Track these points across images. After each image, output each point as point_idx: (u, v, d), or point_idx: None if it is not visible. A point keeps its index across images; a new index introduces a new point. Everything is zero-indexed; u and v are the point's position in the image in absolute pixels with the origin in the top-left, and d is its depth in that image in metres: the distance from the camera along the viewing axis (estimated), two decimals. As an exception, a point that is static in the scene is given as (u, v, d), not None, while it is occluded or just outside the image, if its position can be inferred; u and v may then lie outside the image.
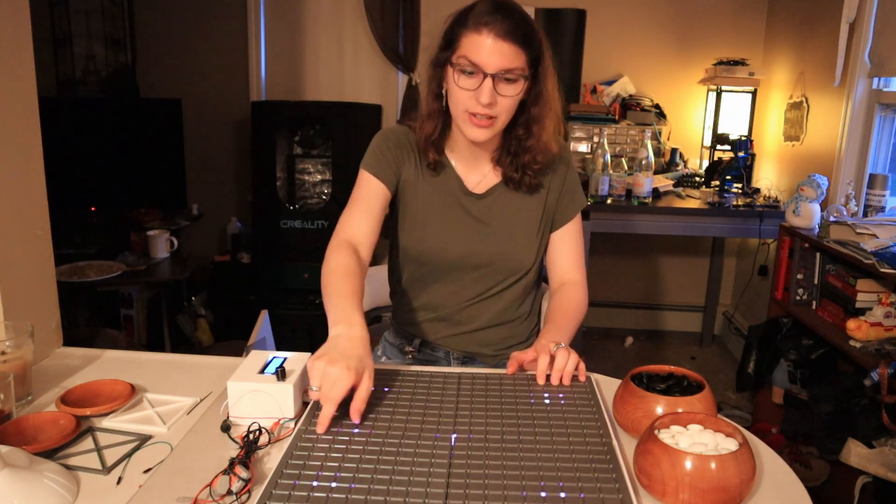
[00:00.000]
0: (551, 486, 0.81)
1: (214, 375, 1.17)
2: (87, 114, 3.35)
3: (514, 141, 1.31)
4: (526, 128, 1.29)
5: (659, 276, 3.79)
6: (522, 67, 1.19)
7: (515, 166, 1.32)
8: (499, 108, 1.21)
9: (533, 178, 1.33)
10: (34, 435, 0.95)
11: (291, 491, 0.80)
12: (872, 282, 2.10)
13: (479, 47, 1.16)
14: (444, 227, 1.34)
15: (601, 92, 3.44)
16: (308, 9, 3.59)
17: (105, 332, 2.81)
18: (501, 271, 1.36)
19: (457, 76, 1.20)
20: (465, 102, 1.20)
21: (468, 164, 1.36)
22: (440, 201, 1.35)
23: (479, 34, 1.16)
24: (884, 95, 2.46)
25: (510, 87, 1.20)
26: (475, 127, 1.22)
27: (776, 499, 0.84)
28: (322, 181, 3.32)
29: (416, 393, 1.06)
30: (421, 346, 1.43)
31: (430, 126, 1.30)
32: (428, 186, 1.35)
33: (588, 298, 1.39)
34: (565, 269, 1.40)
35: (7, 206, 1.18)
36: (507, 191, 1.36)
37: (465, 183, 1.36)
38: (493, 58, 1.16)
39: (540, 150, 1.30)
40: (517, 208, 1.36)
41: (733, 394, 2.95)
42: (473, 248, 1.34)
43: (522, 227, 1.36)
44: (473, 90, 1.18)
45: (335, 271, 1.18)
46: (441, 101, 1.28)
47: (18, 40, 1.20)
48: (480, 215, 1.35)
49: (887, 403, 1.80)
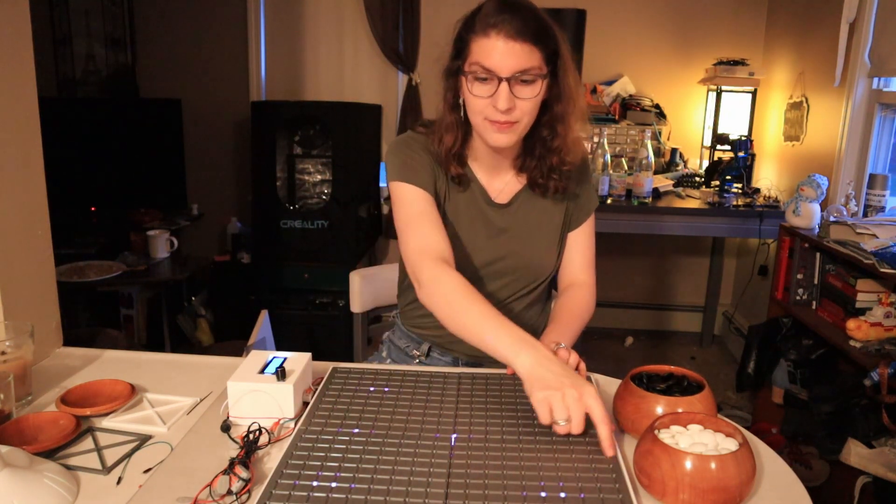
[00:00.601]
0: (551, 486, 0.81)
1: (214, 375, 1.17)
2: (87, 114, 3.35)
3: (539, 143, 1.25)
4: (551, 128, 1.23)
5: (659, 276, 3.80)
6: (539, 66, 1.14)
7: (542, 170, 1.26)
8: (519, 112, 1.15)
9: (559, 182, 1.27)
10: (34, 435, 0.95)
11: (291, 491, 0.80)
12: (872, 282, 2.10)
13: (491, 51, 1.11)
14: (467, 238, 1.31)
15: (601, 92, 3.44)
16: (308, 9, 3.59)
17: (105, 332, 2.81)
18: (522, 279, 1.33)
19: (471, 84, 1.15)
20: (483, 110, 1.15)
21: (490, 172, 1.32)
22: (466, 214, 1.31)
23: (488, 38, 1.11)
24: (884, 95, 2.46)
25: (528, 88, 1.14)
26: (497, 132, 1.17)
27: (776, 499, 0.84)
28: (322, 181, 3.32)
29: (416, 393, 1.06)
30: (429, 350, 1.41)
31: (450, 139, 1.24)
32: (455, 199, 1.31)
33: (595, 301, 1.37)
34: (576, 270, 1.38)
35: (7, 206, 1.18)
36: (531, 197, 1.32)
37: (489, 193, 1.31)
38: (506, 60, 1.11)
39: (568, 150, 1.24)
40: (540, 214, 1.32)
41: (733, 394, 2.95)
42: (495, 256, 1.31)
43: (545, 234, 1.33)
44: (490, 97, 1.13)
45: (464, 294, 1.08)
46: (459, 112, 1.22)
47: (18, 40, 1.20)
48: (504, 224, 1.31)
49: (887, 403, 1.80)
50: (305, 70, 3.66)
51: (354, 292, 1.67)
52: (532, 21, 1.12)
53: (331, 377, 1.12)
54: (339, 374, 1.13)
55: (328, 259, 3.17)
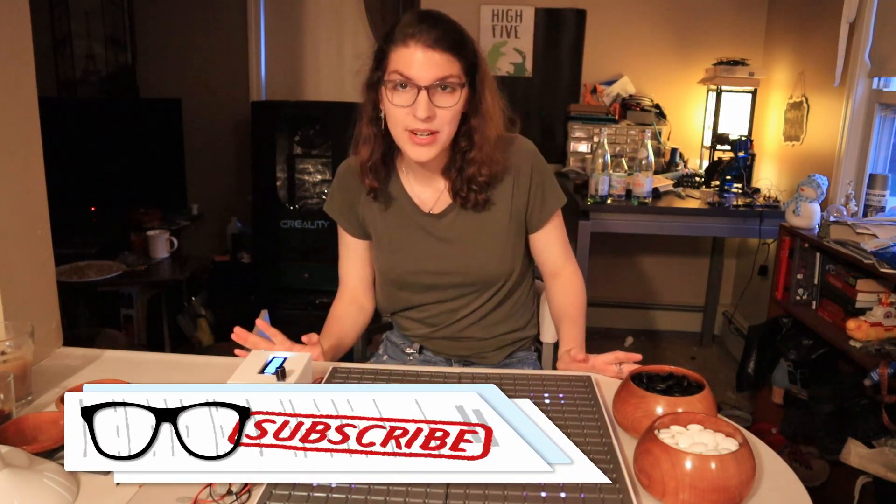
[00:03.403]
0: (551, 486, 0.81)
1: (214, 375, 1.17)
2: (87, 114, 3.35)
3: (459, 155, 1.26)
4: (468, 139, 1.24)
5: (659, 276, 3.79)
6: (458, 75, 1.15)
7: (461, 182, 1.27)
8: (439, 122, 1.16)
9: (479, 194, 1.27)
10: (34, 435, 0.95)
11: (291, 491, 0.80)
12: (872, 282, 2.10)
13: (410, 60, 1.13)
14: (410, 251, 1.33)
15: (601, 92, 3.44)
16: (308, 9, 3.59)
17: (105, 332, 2.81)
18: (478, 286, 1.34)
19: (391, 94, 1.16)
20: (402, 120, 1.16)
21: (422, 183, 1.33)
22: (399, 226, 1.33)
23: (407, 47, 1.13)
24: (884, 95, 2.46)
25: (447, 97, 1.16)
26: (417, 146, 1.18)
27: (776, 499, 0.84)
28: (322, 181, 3.32)
29: (416, 393, 1.06)
30: (421, 349, 1.44)
31: (366, 151, 1.26)
32: (384, 214, 1.33)
33: (584, 280, 1.40)
34: (555, 260, 1.39)
35: (7, 206, 1.18)
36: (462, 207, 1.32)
37: (418, 204, 1.33)
38: (425, 68, 1.13)
39: (484, 162, 1.24)
40: (480, 222, 1.32)
41: (733, 394, 2.95)
42: (443, 268, 1.32)
43: (488, 240, 1.32)
44: (409, 105, 1.14)
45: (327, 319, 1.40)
46: (379, 125, 1.24)
47: (18, 40, 1.20)
48: (443, 234, 1.32)
49: (887, 403, 1.80)
50: (305, 70, 3.66)
51: (354, 292, 1.66)
52: (451, 33, 1.15)
53: (331, 377, 1.12)
54: (338, 373, 1.14)
55: (328, 259, 3.15)
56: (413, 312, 1.40)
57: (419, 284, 1.34)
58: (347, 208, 1.36)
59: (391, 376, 1.12)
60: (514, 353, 1.44)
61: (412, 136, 1.17)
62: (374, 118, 1.24)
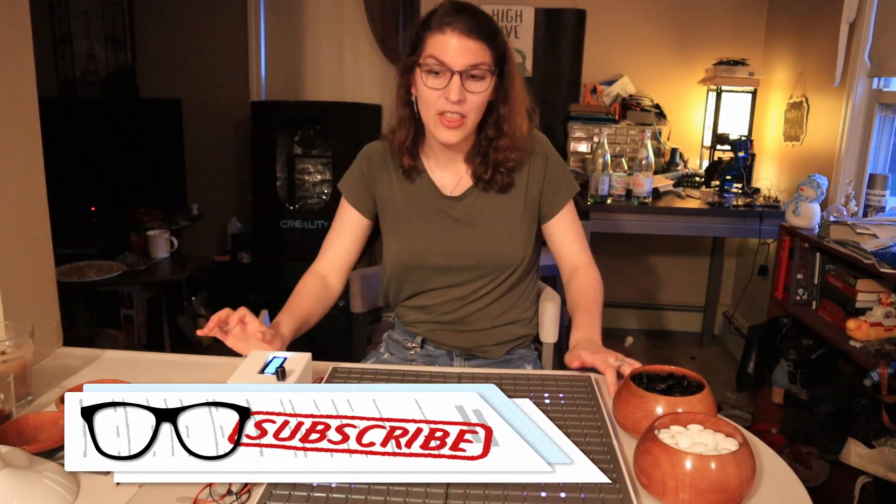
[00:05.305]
0: (551, 486, 0.81)
1: (214, 375, 1.17)
2: (87, 114, 3.35)
3: (485, 142, 1.32)
4: (496, 127, 1.31)
5: (659, 276, 3.79)
6: (489, 63, 1.22)
7: (485, 166, 1.33)
8: (468, 106, 1.23)
9: (505, 177, 1.34)
10: (34, 435, 0.95)
11: (291, 491, 0.80)
12: (872, 282, 2.10)
13: (445, 46, 1.20)
14: (426, 232, 1.36)
15: (601, 92, 3.44)
16: (308, 9, 3.59)
17: (105, 332, 2.81)
18: (490, 270, 1.37)
19: (425, 77, 1.23)
20: (434, 103, 1.23)
21: (443, 168, 1.38)
22: (418, 207, 1.37)
23: (443, 34, 1.20)
24: (884, 95, 2.46)
25: (478, 83, 1.23)
26: (446, 129, 1.24)
27: (776, 499, 0.84)
28: (322, 181, 3.32)
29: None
30: (423, 343, 1.45)
31: (402, 133, 1.33)
32: (404, 195, 1.38)
33: (601, 279, 1.41)
34: (572, 254, 1.42)
35: (7, 206, 1.18)
36: (483, 190, 1.37)
37: (440, 187, 1.38)
38: (459, 55, 1.19)
39: (514, 148, 1.32)
40: (497, 206, 1.37)
41: (733, 394, 2.95)
42: (458, 249, 1.35)
43: (505, 224, 1.37)
44: (442, 89, 1.21)
45: (293, 292, 1.36)
46: (412, 108, 1.31)
47: (18, 40, 1.20)
48: (461, 217, 1.36)
49: (887, 403, 1.80)
50: (305, 70, 3.66)
51: (354, 292, 1.67)
52: (485, 23, 1.22)
53: (331, 377, 1.12)
54: (339, 373, 1.14)
55: (328, 259, 3.16)
56: (420, 299, 1.41)
57: (433, 265, 1.36)
58: (363, 184, 1.40)
59: (391, 376, 1.13)
60: (514, 350, 1.45)
61: (442, 118, 1.24)
62: (406, 101, 1.31)
